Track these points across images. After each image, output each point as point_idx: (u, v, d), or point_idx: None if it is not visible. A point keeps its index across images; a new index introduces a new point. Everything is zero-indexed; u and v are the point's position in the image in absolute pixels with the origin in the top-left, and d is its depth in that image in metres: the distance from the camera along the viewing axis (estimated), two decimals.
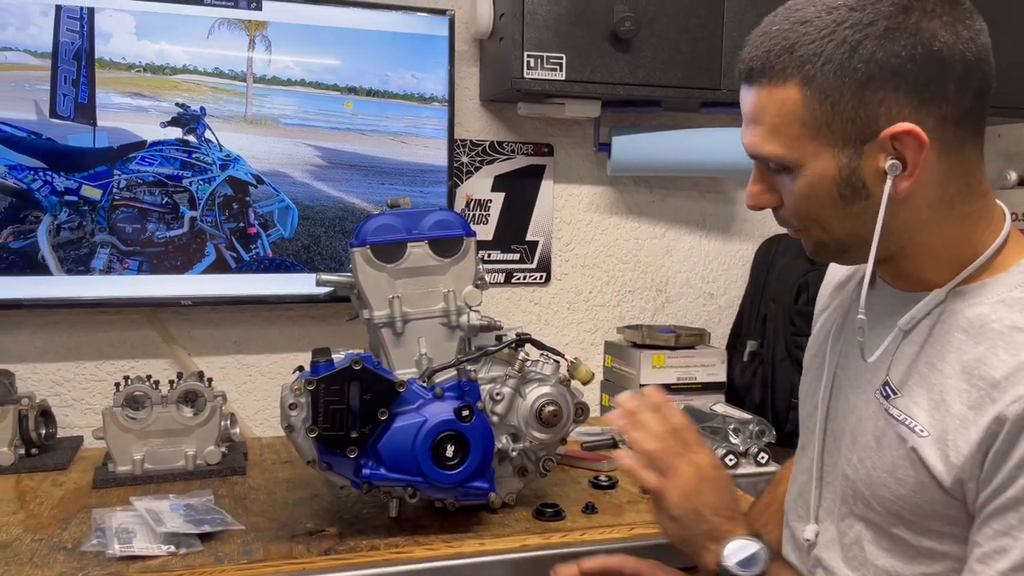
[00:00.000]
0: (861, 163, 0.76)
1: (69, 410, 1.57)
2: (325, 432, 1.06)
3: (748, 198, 0.86)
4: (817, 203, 0.79)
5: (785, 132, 0.78)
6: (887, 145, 0.75)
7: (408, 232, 1.18)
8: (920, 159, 0.75)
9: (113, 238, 1.48)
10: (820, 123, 0.76)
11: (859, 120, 0.75)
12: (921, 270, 0.81)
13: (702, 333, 1.79)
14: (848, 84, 0.74)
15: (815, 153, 0.77)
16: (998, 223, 0.82)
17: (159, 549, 1.05)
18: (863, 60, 0.74)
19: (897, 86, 0.74)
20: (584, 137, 1.82)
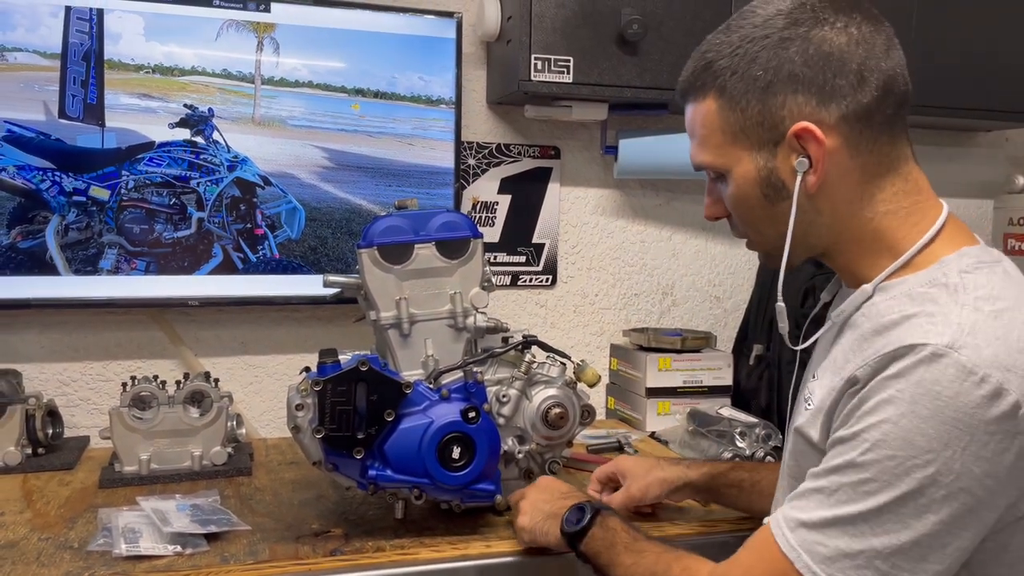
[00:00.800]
0: (776, 164, 0.83)
1: (76, 410, 1.58)
2: (331, 433, 1.06)
3: (704, 210, 0.95)
4: (747, 205, 0.87)
5: (710, 141, 0.86)
6: (795, 144, 0.82)
7: (415, 234, 1.18)
8: (821, 154, 0.81)
9: (121, 239, 1.49)
10: (736, 129, 0.84)
11: (767, 123, 0.83)
12: (854, 266, 0.86)
13: (708, 336, 1.79)
14: (752, 90, 0.82)
15: (737, 158, 0.85)
16: (929, 222, 0.85)
17: (165, 549, 1.05)
18: (762, 67, 0.82)
19: (795, 88, 0.81)
20: (591, 140, 1.82)
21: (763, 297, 1.83)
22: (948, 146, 2.10)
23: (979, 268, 0.81)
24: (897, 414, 0.72)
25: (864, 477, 0.73)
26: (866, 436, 0.74)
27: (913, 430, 0.72)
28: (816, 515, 0.76)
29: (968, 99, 1.78)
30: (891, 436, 0.72)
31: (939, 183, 0.91)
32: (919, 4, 1.71)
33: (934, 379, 0.72)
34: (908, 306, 0.79)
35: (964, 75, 1.75)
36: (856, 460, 0.74)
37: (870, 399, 0.74)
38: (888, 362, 0.74)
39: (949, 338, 0.73)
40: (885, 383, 0.74)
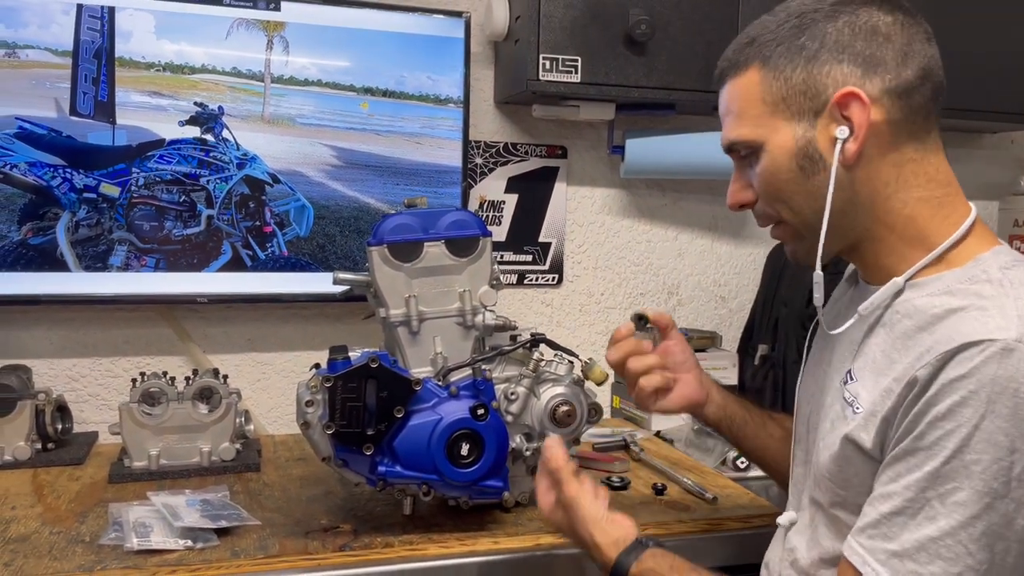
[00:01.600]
0: (815, 134, 0.82)
1: (85, 405, 1.58)
2: (341, 429, 1.07)
3: (728, 197, 0.92)
4: (780, 179, 0.85)
5: (748, 113, 0.85)
6: (836, 114, 0.81)
7: (425, 232, 1.19)
8: (864, 120, 0.80)
9: (131, 235, 1.50)
10: (777, 98, 0.83)
11: (810, 91, 0.82)
12: (883, 259, 0.85)
13: (713, 336, 1.80)
14: (798, 59, 0.82)
15: (775, 128, 0.84)
16: (960, 216, 0.84)
17: (176, 543, 1.06)
18: (809, 37, 0.82)
19: (841, 57, 0.81)
20: (598, 140, 1.83)
21: (768, 297, 1.84)
22: (954, 147, 2.07)
23: (1017, 265, 0.80)
24: (976, 416, 0.70)
25: (951, 487, 0.71)
26: (944, 443, 0.71)
27: (995, 430, 0.69)
28: (906, 539, 0.73)
29: (974, 101, 1.78)
30: (974, 440, 0.70)
31: None
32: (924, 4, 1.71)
33: (1009, 375, 0.69)
34: (951, 300, 0.77)
35: (970, 76, 1.75)
36: (939, 470, 0.71)
37: (940, 402, 0.71)
38: (947, 360, 0.72)
39: (1016, 331, 0.71)
40: (956, 384, 0.71)
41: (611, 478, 1.36)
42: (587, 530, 0.95)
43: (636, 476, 1.42)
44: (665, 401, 1.11)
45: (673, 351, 1.15)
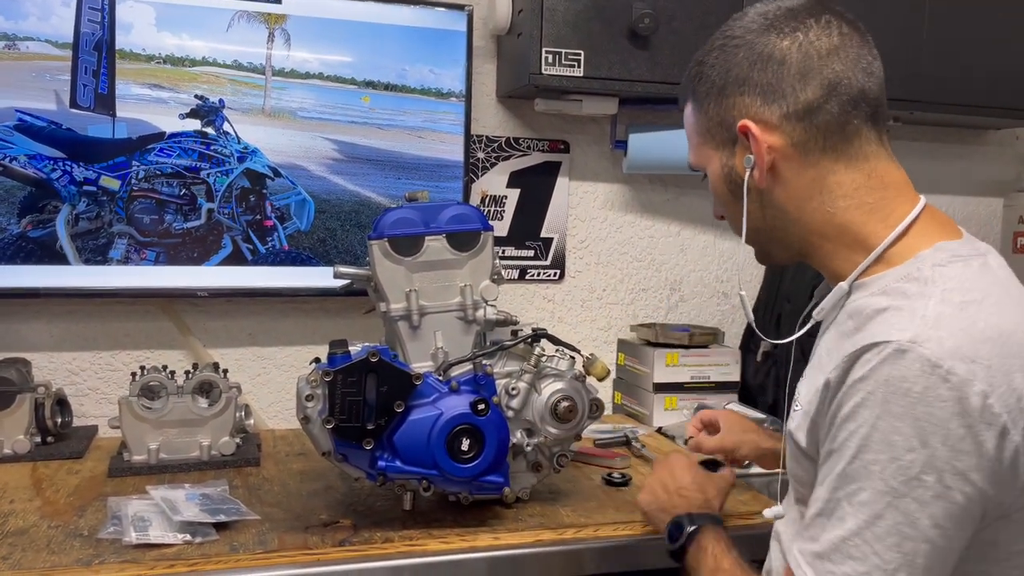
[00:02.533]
0: (734, 162, 0.89)
1: (85, 399, 1.58)
2: (341, 423, 1.06)
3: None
4: (721, 201, 0.94)
5: (692, 141, 0.94)
6: (743, 143, 0.87)
7: (426, 226, 1.18)
8: (760, 148, 0.85)
9: (131, 229, 1.49)
10: (703, 130, 0.91)
11: (724, 123, 0.88)
12: (830, 263, 0.87)
13: (716, 332, 1.79)
14: (711, 93, 0.89)
15: (708, 156, 0.92)
16: (898, 216, 0.85)
17: (175, 537, 1.05)
18: (717, 71, 0.88)
19: (743, 89, 0.86)
20: (600, 134, 1.82)
21: (771, 293, 1.83)
22: (957, 144, 2.09)
23: (953, 262, 0.80)
24: (873, 416, 0.72)
25: (855, 487, 0.73)
26: (848, 443, 0.73)
27: (890, 430, 0.71)
28: (825, 540, 0.75)
29: (978, 97, 1.77)
30: (872, 440, 0.72)
31: (948, 181, 0.92)
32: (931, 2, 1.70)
33: (901, 376, 0.71)
34: (881, 300, 0.79)
35: (974, 73, 1.74)
36: (845, 470, 0.74)
37: (845, 404, 0.74)
38: (853, 363, 0.74)
39: (912, 333, 0.72)
40: (855, 386, 0.73)
41: (612, 474, 1.36)
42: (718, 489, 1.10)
43: (637, 472, 1.41)
44: None
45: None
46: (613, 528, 1.17)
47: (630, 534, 1.16)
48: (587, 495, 1.29)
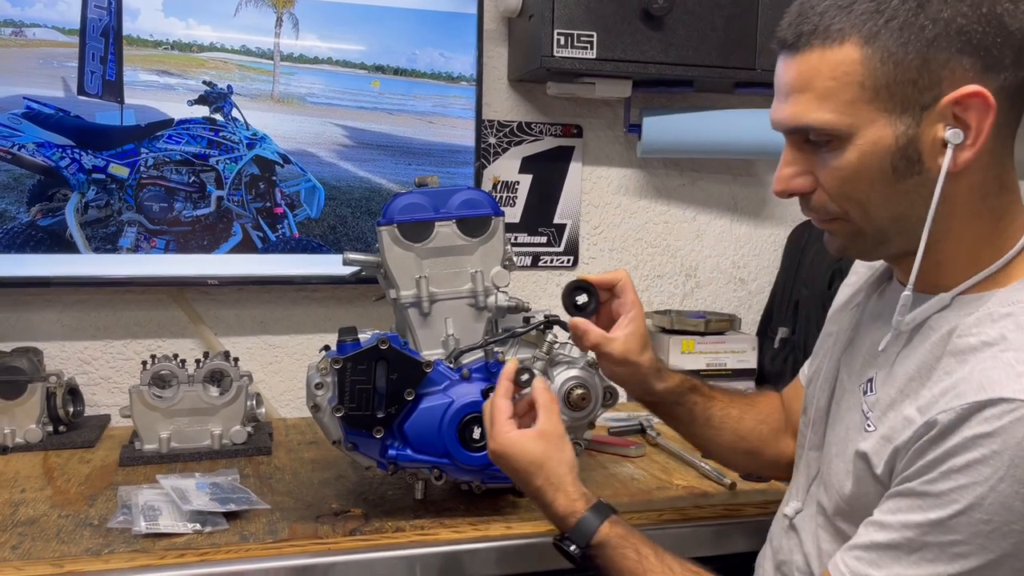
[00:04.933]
0: (920, 131, 0.72)
1: (97, 388, 1.58)
2: (351, 412, 1.05)
3: (777, 183, 0.81)
4: (866, 179, 0.75)
5: (839, 96, 0.73)
6: (947, 112, 0.72)
7: (436, 211, 1.16)
8: (985, 126, 0.71)
9: (140, 216, 1.48)
10: (880, 85, 0.71)
11: (922, 83, 0.71)
12: (936, 270, 0.78)
13: (732, 319, 1.76)
14: (913, 42, 0.70)
15: (870, 119, 0.73)
16: (1020, 227, 0.78)
17: (185, 527, 1.05)
18: (930, 17, 0.70)
19: (962, 48, 0.70)
20: (614, 118, 1.79)
21: (789, 279, 1.80)
22: None
23: None
24: (995, 477, 0.66)
25: (954, 539, 0.68)
26: (956, 497, 0.68)
27: (1012, 495, 0.66)
28: (895, 573, 0.70)
29: None
30: (988, 500, 0.66)
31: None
32: None
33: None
34: (989, 330, 0.72)
35: None
36: (945, 521, 0.68)
37: (959, 455, 0.68)
38: (976, 412, 0.67)
39: None
40: (978, 441, 0.67)
41: None
42: (563, 471, 0.90)
43: (652, 460, 1.39)
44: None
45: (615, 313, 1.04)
46: (627, 517, 1.14)
47: (644, 523, 1.14)
48: (601, 484, 1.27)
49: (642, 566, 0.85)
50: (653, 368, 1.02)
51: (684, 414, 1.07)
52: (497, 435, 0.92)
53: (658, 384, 1.03)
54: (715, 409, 1.07)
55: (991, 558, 0.67)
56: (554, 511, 0.89)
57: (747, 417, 1.09)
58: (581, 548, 0.87)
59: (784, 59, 0.77)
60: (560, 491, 0.89)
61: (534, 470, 0.90)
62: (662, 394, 1.04)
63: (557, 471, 0.90)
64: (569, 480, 0.90)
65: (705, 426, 1.07)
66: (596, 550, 0.87)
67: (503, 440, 0.91)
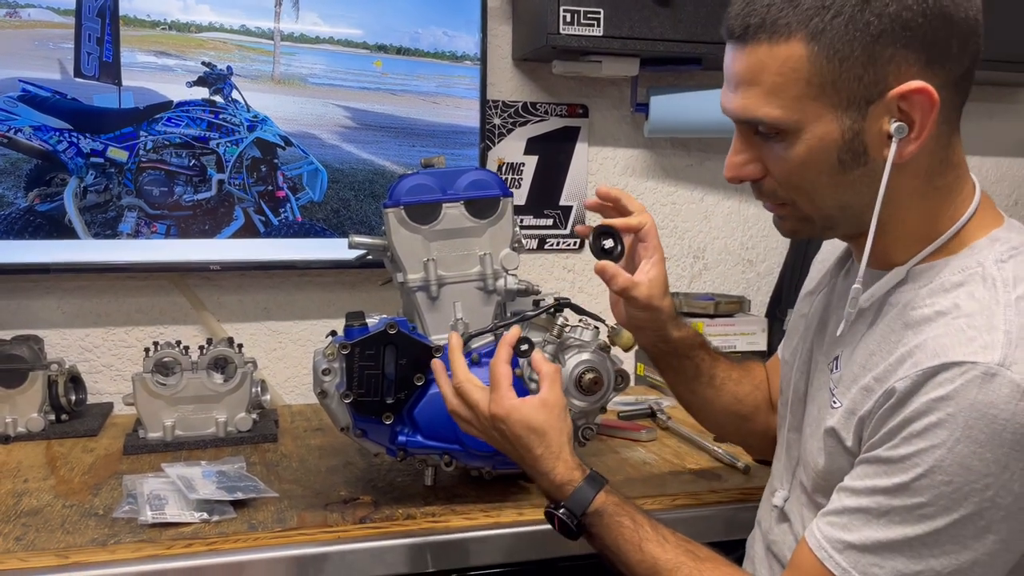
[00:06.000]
0: (865, 125, 0.74)
1: (99, 376, 1.56)
2: (359, 398, 1.03)
3: (728, 169, 0.83)
4: (813, 171, 0.76)
5: (786, 92, 0.73)
6: (893, 106, 0.73)
7: (443, 192, 1.13)
8: (929, 121, 0.73)
9: (140, 201, 1.45)
10: (826, 82, 0.72)
11: (867, 78, 0.72)
12: (889, 248, 0.80)
13: (741, 301, 1.74)
14: (859, 38, 0.71)
15: (817, 115, 0.74)
16: (966, 198, 0.79)
17: (192, 516, 1.03)
18: (875, 12, 0.70)
19: (908, 43, 0.71)
20: (620, 98, 1.76)
21: (797, 260, 1.78)
22: (991, 102, 2.01)
23: (1014, 256, 0.76)
24: (952, 439, 0.68)
25: (919, 501, 0.70)
26: (917, 460, 0.70)
27: (969, 455, 0.68)
28: (866, 536, 0.72)
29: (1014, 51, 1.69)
30: (946, 462, 0.68)
31: (981, 141, 0.85)
32: None
33: (988, 401, 0.67)
34: (942, 300, 0.74)
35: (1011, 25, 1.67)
36: (909, 484, 0.70)
37: (917, 420, 0.70)
38: (931, 378, 0.70)
39: (1000, 353, 0.68)
40: (934, 405, 0.69)
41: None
42: (563, 441, 0.90)
43: (663, 444, 1.38)
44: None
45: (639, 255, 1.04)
46: (641, 502, 1.12)
47: (657, 508, 1.13)
48: (613, 469, 1.25)
49: (638, 535, 0.85)
50: (672, 314, 1.04)
51: (690, 368, 1.08)
52: (500, 399, 0.91)
53: (675, 331, 1.05)
54: (719, 369, 1.09)
55: (955, 518, 0.69)
56: (551, 479, 0.89)
57: (744, 381, 1.10)
58: (577, 517, 0.87)
59: (732, 49, 0.78)
60: (560, 460, 0.89)
61: (535, 438, 0.90)
62: (676, 343, 1.05)
63: (558, 440, 0.90)
64: (568, 450, 0.90)
65: (707, 384, 1.09)
66: (592, 518, 0.87)
67: (506, 405, 0.90)
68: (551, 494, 0.90)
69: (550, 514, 0.89)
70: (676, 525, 1.10)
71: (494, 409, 0.91)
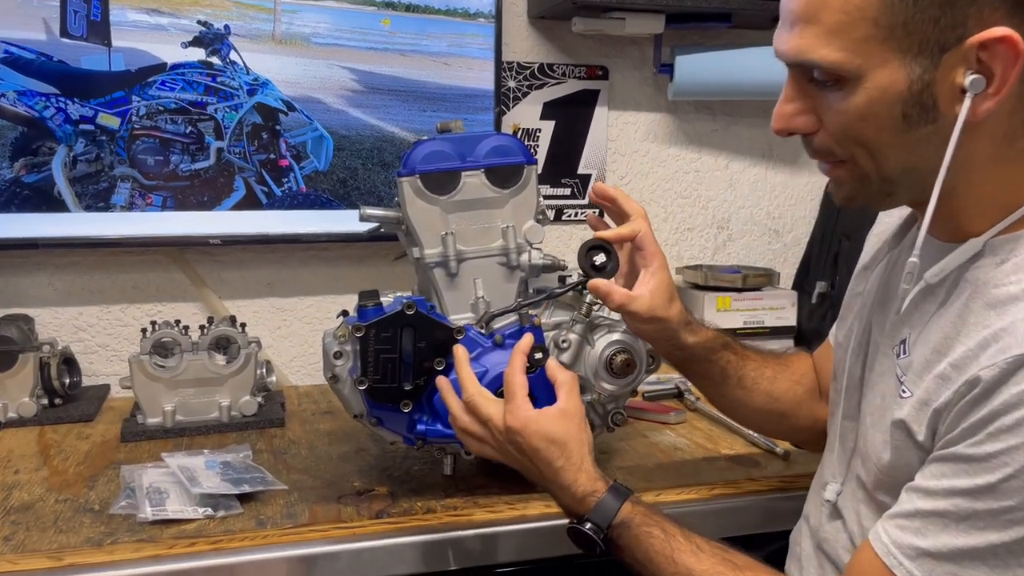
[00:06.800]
0: (936, 76, 0.65)
1: (94, 357, 1.48)
2: (375, 384, 0.94)
3: (777, 120, 0.73)
4: (874, 125, 0.68)
5: (849, 33, 0.65)
6: (971, 56, 0.64)
7: (462, 160, 1.04)
8: (1012, 74, 0.64)
9: (134, 171, 1.36)
10: (896, 23, 0.64)
11: (944, 21, 0.63)
12: (962, 217, 0.72)
13: (770, 273, 1.66)
14: None
15: (882, 60, 0.65)
16: None
17: (195, 512, 0.95)
18: None
19: None
20: (642, 59, 1.66)
21: (828, 229, 1.70)
22: None
23: None
24: None
25: (1007, 505, 0.62)
26: (1007, 459, 0.62)
27: None
28: (943, 543, 0.65)
29: None
30: None
31: None
32: None
33: None
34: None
35: None
36: (996, 486, 0.62)
37: (1007, 414, 0.62)
38: (1022, 367, 0.62)
39: None
40: None
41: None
42: (585, 452, 0.84)
43: (694, 427, 1.30)
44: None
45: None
46: (677, 492, 1.06)
47: (694, 498, 1.05)
48: (643, 454, 1.18)
49: (670, 545, 0.79)
50: (682, 321, 0.95)
51: (715, 372, 1.00)
52: (516, 410, 0.84)
53: (689, 338, 0.96)
54: (748, 369, 1.01)
55: None
56: (572, 493, 0.83)
57: (781, 378, 1.02)
58: (603, 530, 0.81)
59: None
60: (581, 471, 0.83)
61: (555, 450, 0.83)
62: (693, 348, 0.97)
63: (579, 451, 0.84)
64: (589, 461, 0.84)
65: (737, 386, 1.01)
66: (619, 531, 0.81)
67: (523, 416, 0.84)
68: (572, 509, 0.83)
69: (575, 530, 0.82)
70: (713, 517, 1.05)
71: (510, 421, 0.84)
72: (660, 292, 0.92)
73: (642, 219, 0.96)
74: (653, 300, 0.92)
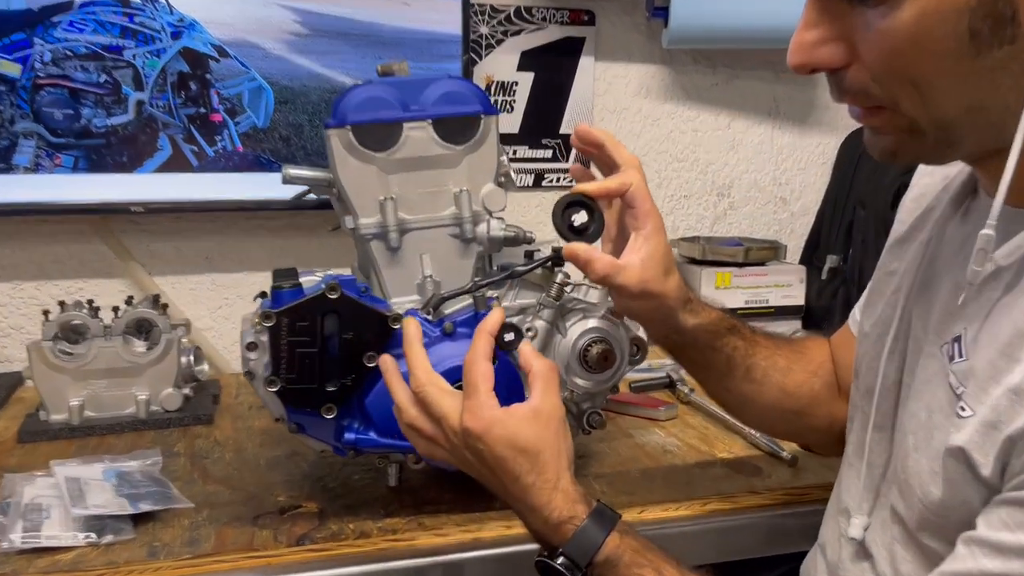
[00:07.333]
0: None
1: (6, 340, 1.31)
2: (290, 385, 0.77)
3: (796, 52, 0.55)
4: (928, 50, 0.51)
5: None
6: None
7: (405, 108, 0.86)
8: None
9: (39, 127, 1.18)
10: None
11: None
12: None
13: (776, 246, 1.49)
14: None
15: None
16: None
17: (74, 538, 0.78)
18: None
19: None
20: (633, 2, 1.47)
21: (840, 197, 1.55)
22: None
23: None
24: None
25: None
26: None
27: None
28: None
29: None
30: None
31: None
32: None
33: None
34: None
35: None
36: None
37: None
38: None
39: None
40: None
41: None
42: (562, 466, 0.68)
43: (686, 425, 1.13)
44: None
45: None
46: (663, 508, 0.89)
47: (685, 515, 0.88)
48: (626, 458, 1.01)
49: None
50: (681, 298, 0.80)
51: (720, 361, 0.84)
52: (477, 408, 0.67)
53: (688, 319, 0.81)
54: (758, 357, 0.85)
55: None
56: (544, 517, 0.66)
57: (796, 368, 0.86)
58: (581, 568, 0.64)
59: None
60: (557, 490, 0.67)
61: (524, 461, 0.67)
62: (693, 332, 0.82)
63: (555, 464, 0.68)
64: (568, 478, 0.68)
65: (744, 379, 0.85)
66: (602, 569, 0.65)
67: (486, 416, 0.67)
68: (544, 536, 0.66)
69: (545, 565, 0.65)
70: (708, 538, 0.89)
71: (469, 422, 0.66)
72: (654, 261, 0.76)
73: (635, 170, 0.79)
74: (645, 271, 0.76)
